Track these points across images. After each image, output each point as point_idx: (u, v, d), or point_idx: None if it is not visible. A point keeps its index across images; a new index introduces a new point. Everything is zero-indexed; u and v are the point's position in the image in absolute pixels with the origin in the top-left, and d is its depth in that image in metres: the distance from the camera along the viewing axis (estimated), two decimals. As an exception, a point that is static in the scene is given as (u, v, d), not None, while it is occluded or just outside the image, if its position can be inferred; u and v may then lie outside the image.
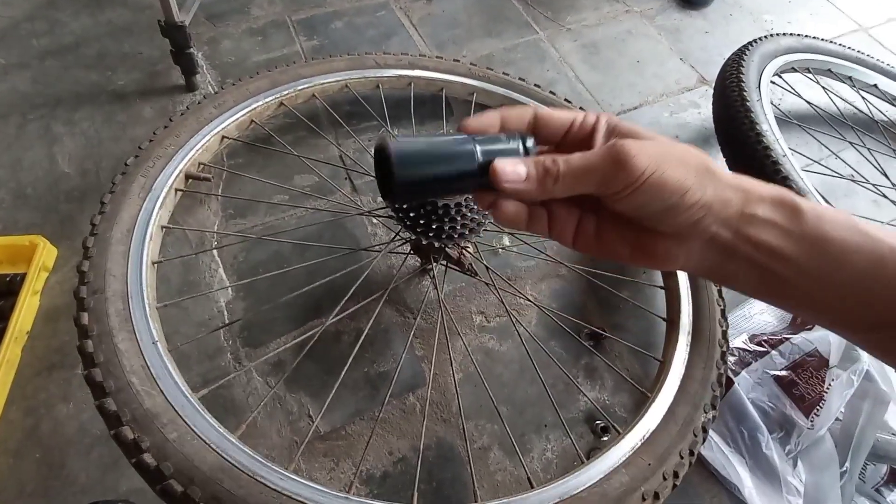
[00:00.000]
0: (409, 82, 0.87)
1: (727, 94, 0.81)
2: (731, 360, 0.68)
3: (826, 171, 0.88)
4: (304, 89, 0.79)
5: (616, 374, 0.70)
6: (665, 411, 0.55)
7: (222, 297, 0.73)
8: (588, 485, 0.48)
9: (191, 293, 0.72)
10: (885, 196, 0.89)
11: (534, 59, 1.11)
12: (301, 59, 1.01)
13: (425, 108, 0.93)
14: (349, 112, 0.92)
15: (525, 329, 0.70)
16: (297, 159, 0.84)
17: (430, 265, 0.68)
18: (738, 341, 0.70)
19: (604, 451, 0.51)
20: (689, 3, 1.29)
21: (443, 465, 0.62)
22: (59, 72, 0.97)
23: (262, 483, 0.42)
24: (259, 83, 0.77)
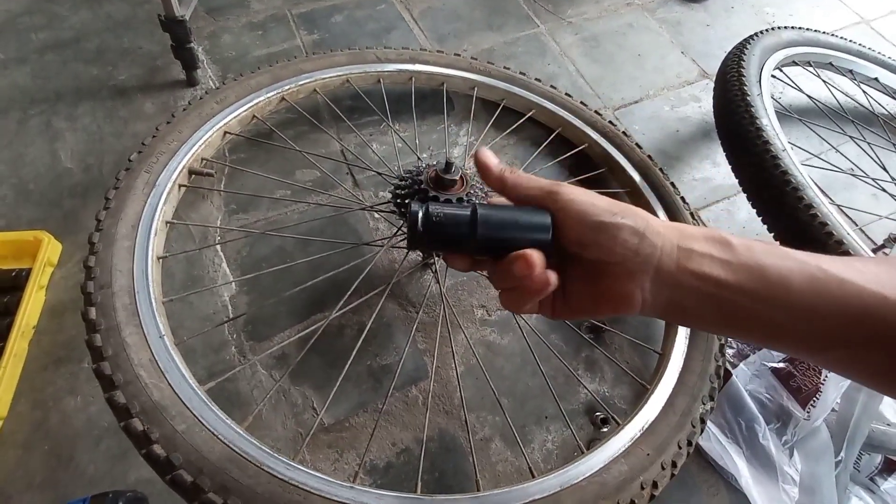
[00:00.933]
0: (410, 77, 0.87)
1: (727, 88, 0.82)
2: (730, 352, 0.68)
3: (826, 166, 0.88)
4: (305, 84, 0.80)
5: (616, 366, 0.71)
6: (664, 402, 0.56)
7: (226, 291, 0.73)
8: (588, 474, 0.49)
9: (195, 288, 0.72)
10: (885, 190, 0.89)
11: (535, 52, 1.11)
12: (301, 54, 1.01)
13: (426, 102, 0.94)
14: (350, 107, 0.93)
15: (526, 322, 0.71)
16: (299, 154, 0.84)
17: (431, 260, 0.69)
18: (737, 334, 0.70)
19: (604, 442, 0.52)
20: (690, -5, 1.28)
21: (445, 455, 0.64)
22: (58, 66, 0.96)
23: (269, 473, 0.43)
24: (260, 78, 0.77)
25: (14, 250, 0.72)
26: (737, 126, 0.77)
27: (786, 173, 0.69)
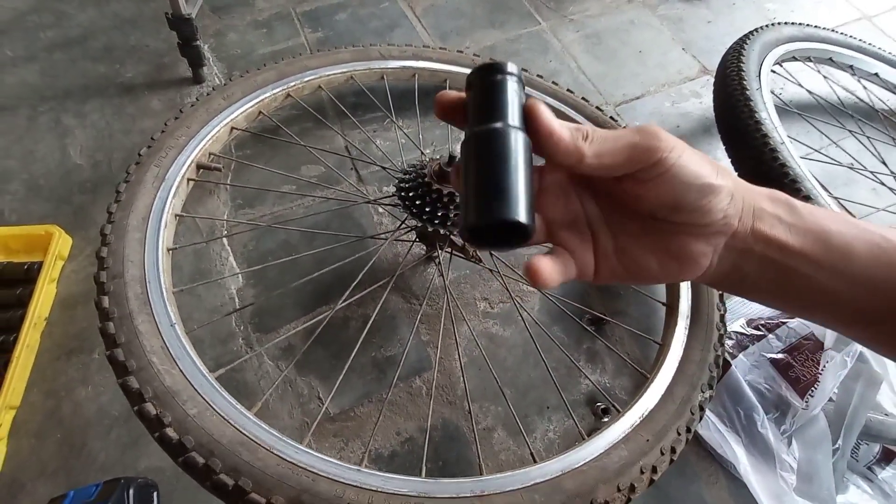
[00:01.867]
0: (414, 73, 0.88)
1: (727, 83, 0.82)
2: (729, 343, 0.69)
3: (825, 160, 0.89)
4: (310, 81, 0.81)
5: (617, 357, 0.72)
6: (663, 391, 0.57)
7: (233, 284, 0.75)
8: (588, 459, 0.50)
9: (203, 280, 0.74)
10: (884, 184, 0.90)
11: (537, 49, 1.12)
12: (306, 51, 1.02)
13: (429, 99, 0.94)
14: (354, 103, 0.94)
15: (528, 314, 0.72)
16: (304, 149, 0.85)
17: (435, 252, 0.70)
18: (736, 325, 0.71)
19: (604, 428, 0.53)
20: (692, -8, 1.29)
21: (448, 444, 0.65)
22: (67, 64, 0.98)
23: (279, 456, 0.45)
24: (266, 75, 0.78)
25: (26, 244, 0.73)
26: (736, 120, 0.78)
27: (784, 166, 0.70)
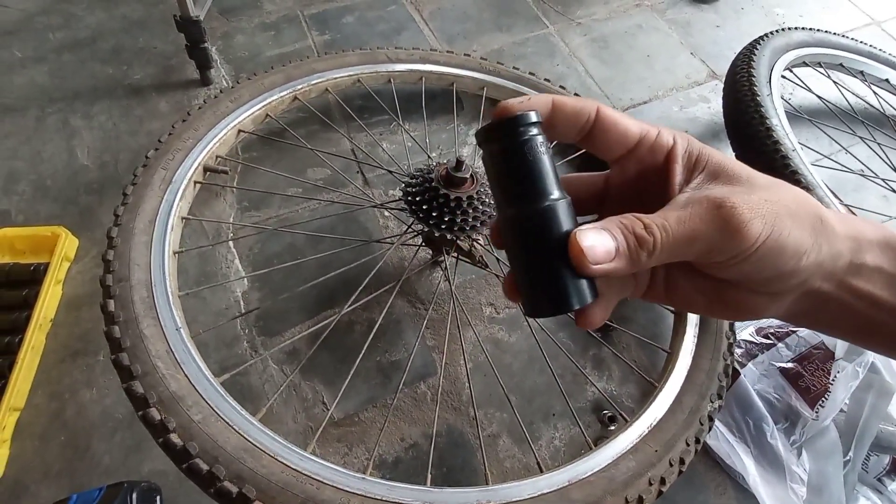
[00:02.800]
0: (421, 77, 0.88)
1: (737, 88, 0.82)
2: (738, 351, 0.68)
3: (836, 166, 0.88)
4: (317, 84, 0.81)
5: (624, 364, 0.71)
6: (672, 400, 0.56)
7: (238, 287, 0.74)
8: (596, 469, 0.49)
9: (208, 283, 0.73)
10: (895, 191, 0.89)
11: (544, 53, 1.12)
12: (313, 54, 1.02)
13: (436, 102, 0.94)
14: (361, 106, 0.93)
15: (534, 320, 0.71)
16: (311, 152, 0.85)
17: (441, 257, 0.69)
18: (745, 333, 0.71)
19: (612, 438, 0.53)
20: (700, -4, 1.28)
21: (453, 451, 0.64)
22: (75, 66, 0.98)
23: (283, 463, 0.44)
24: (274, 78, 0.78)
25: (32, 245, 0.73)
26: (746, 126, 0.77)
27: (795, 173, 0.69)
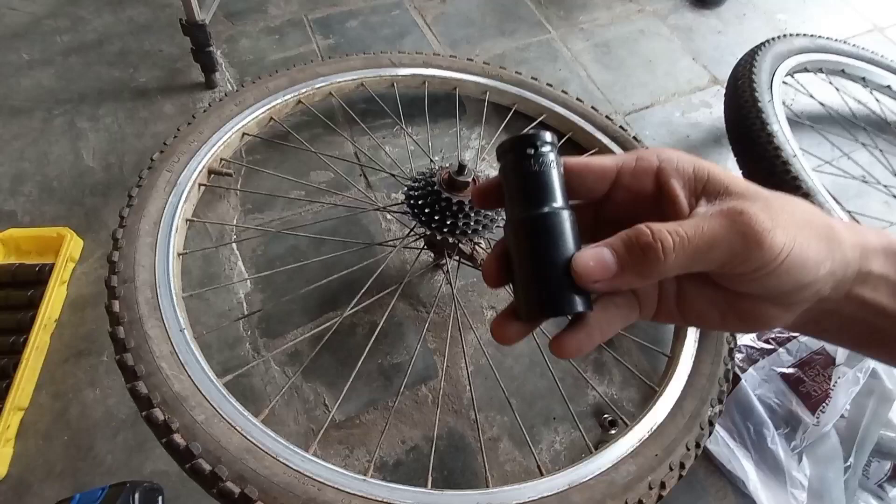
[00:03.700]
0: (424, 81, 0.89)
1: (739, 94, 0.82)
2: (739, 357, 0.69)
3: (837, 172, 0.88)
4: (321, 87, 0.81)
5: (625, 368, 0.71)
6: (672, 405, 0.57)
7: (241, 289, 0.75)
8: (596, 473, 0.49)
9: (212, 285, 0.74)
10: (896, 197, 0.89)
11: (546, 58, 1.12)
12: (317, 58, 1.03)
13: (439, 106, 0.95)
14: (364, 110, 0.94)
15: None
16: (314, 156, 0.86)
17: (443, 260, 0.70)
18: (746, 338, 0.71)
19: (612, 442, 0.53)
20: (703, 2, 1.29)
21: (454, 454, 0.64)
22: (82, 68, 0.99)
23: (285, 464, 0.45)
24: (278, 81, 0.79)
25: (38, 246, 0.74)
26: (748, 132, 0.77)
27: (796, 179, 0.70)
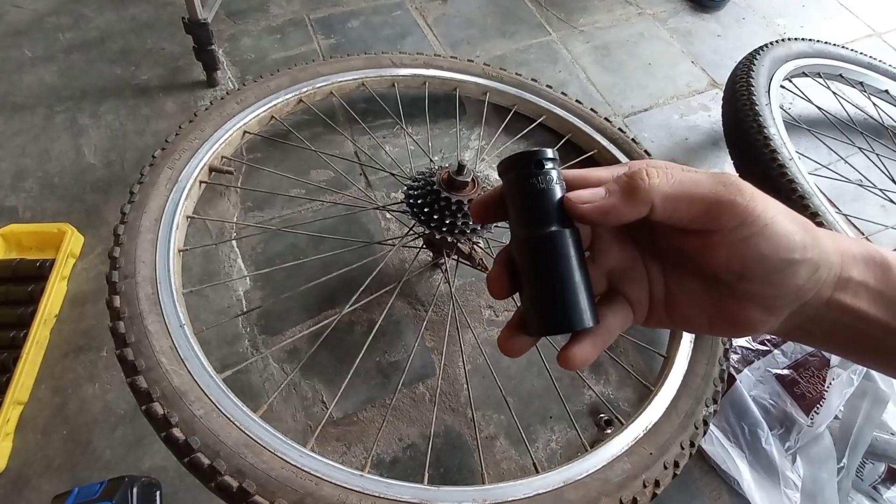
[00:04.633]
0: (424, 81, 0.89)
1: (736, 97, 0.83)
2: (734, 357, 0.69)
3: (834, 176, 0.89)
4: (322, 87, 0.82)
5: (621, 368, 0.72)
6: (667, 404, 0.57)
7: (241, 286, 0.75)
8: (591, 471, 0.50)
9: (211, 282, 0.74)
10: (893, 201, 0.90)
11: (546, 60, 1.13)
12: (319, 58, 1.04)
13: (439, 106, 0.96)
14: (365, 110, 0.95)
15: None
16: (314, 154, 0.86)
17: (441, 259, 0.70)
18: (742, 340, 0.71)
19: (607, 441, 0.53)
20: (702, 6, 1.30)
21: (451, 452, 0.65)
22: (84, 65, 1.00)
23: (283, 459, 0.45)
24: (280, 80, 0.79)
25: (39, 241, 0.75)
26: (745, 135, 0.78)
27: (792, 182, 0.70)
